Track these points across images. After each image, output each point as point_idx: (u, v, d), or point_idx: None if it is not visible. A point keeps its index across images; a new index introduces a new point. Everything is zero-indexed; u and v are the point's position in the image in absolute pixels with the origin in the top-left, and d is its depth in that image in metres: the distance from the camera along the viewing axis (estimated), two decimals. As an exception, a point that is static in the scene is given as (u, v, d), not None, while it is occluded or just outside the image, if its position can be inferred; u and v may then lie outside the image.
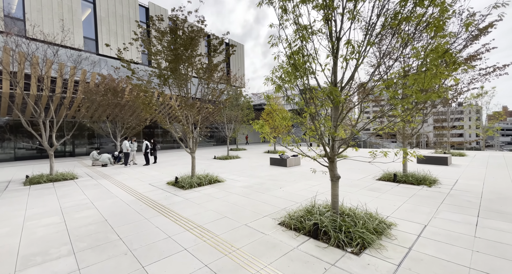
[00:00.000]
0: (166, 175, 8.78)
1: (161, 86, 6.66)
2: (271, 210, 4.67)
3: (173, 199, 5.64)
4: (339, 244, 3.18)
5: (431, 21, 2.98)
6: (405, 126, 6.74)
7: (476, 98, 12.85)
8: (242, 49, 31.21)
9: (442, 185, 6.36)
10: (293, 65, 3.43)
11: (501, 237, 3.32)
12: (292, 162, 10.79)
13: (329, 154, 3.90)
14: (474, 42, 6.23)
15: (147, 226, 4.02)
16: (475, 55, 7.92)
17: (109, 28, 18.29)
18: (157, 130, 23.66)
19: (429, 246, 3.11)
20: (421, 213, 4.31)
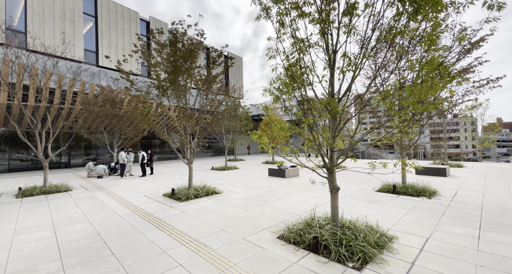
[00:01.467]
0: (163, 187, 8.62)
1: (159, 97, 6.70)
2: (269, 223, 4.55)
3: (169, 211, 5.49)
4: (340, 258, 3.08)
5: (425, 35, 3.08)
6: (403, 137, 6.78)
7: (471, 110, 13.09)
8: (240, 61, 31.87)
9: (442, 197, 6.30)
10: (290, 77, 3.48)
11: (504, 251, 3.24)
12: (291, 173, 10.70)
13: (328, 165, 3.86)
14: (467, 55, 6.43)
15: (142, 240, 3.88)
16: (468, 68, 8.14)
17: (109, 41, 18.67)
18: (155, 141, 23.54)
19: (433, 260, 3.02)
20: (423, 226, 4.22)
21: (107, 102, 12.69)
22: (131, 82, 6.39)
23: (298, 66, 3.46)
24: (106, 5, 18.60)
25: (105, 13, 18.51)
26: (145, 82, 6.81)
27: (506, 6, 2.54)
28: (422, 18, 2.69)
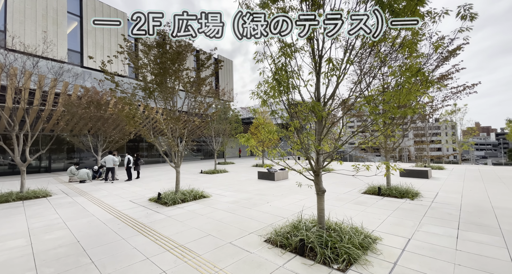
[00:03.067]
0: (149, 191, 8.40)
1: (146, 99, 6.57)
2: (257, 227, 4.53)
3: (154, 216, 5.34)
4: (325, 260, 3.10)
5: (404, 42, 3.22)
6: (387, 140, 7.00)
7: (450, 115, 13.76)
8: (231, 64, 31.92)
9: (424, 198, 6.53)
10: (276, 80, 3.52)
11: (481, 250, 3.38)
12: (280, 176, 10.74)
13: (314, 168, 3.91)
14: (445, 63, 6.79)
15: (124, 247, 3.74)
16: (447, 75, 8.59)
17: (95, 41, 18.18)
18: (142, 144, 22.98)
19: (414, 260, 3.10)
20: (405, 227, 4.35)
21: (92, 104, 12.28)
22: (116, 84, 6.23)
23: (284, 70, 3.51)
24: (92, 5, 18.15)
25: (90, 13, 18.04)
26: (131, 84, 6.66)
27: (477, 16, 2.71)
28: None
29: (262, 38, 3.51)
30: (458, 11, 2.60)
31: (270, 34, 3.41)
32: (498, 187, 8.05)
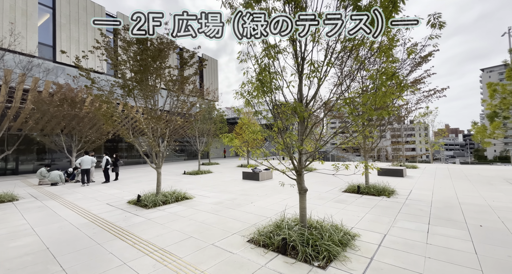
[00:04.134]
0: (128, 193, 8.05)
1: (124, 97, 6.30)
2: (241, 227, 4.52)
3: (133, 219, 5.13)
4: (306, 258, 3.16)
5: (381, 47, 3.38)
6: (366, 141, 7.30)
7: (423, 117, 14.70)
8: (215, 63, 31.59)
9: (399, 196, 6.89)
10: (260, 81, 3.53)
11: (449, 243, 3.63)
12: (264, 176, 10.79)
13: (296, 167, 3.98)
14: (418, 68, 7.25)
15: (99, 252, 3.55)
16: (420, 79, 9.16)
17: (69, 35, 17.13)
18: (121, 144, 22.00)
19: (388, 255, 3.26)
20: (382, 223, 4.56)
21: (65, 101, 11.55)
22: (92, 80, 5.90)
23: (267, 71, 3.54)
24: (67, -4, 17.08)
25: (64, 5, 16.97)
26: (109, 81, 6.35)
27: (445, 25, 2.92)
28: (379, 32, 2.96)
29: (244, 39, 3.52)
30: (429, 19, 2.79)
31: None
32: (464, 184, 8.70)
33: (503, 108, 9.34)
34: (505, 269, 2.88)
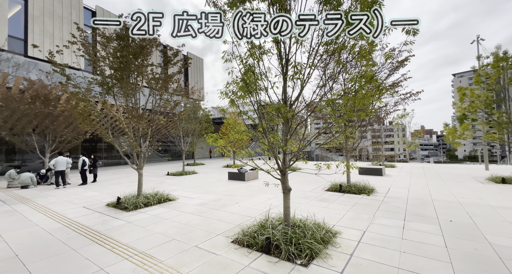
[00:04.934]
0: (107, 196, 7.71)
1: (103, 95, 6.02)
2: (225, 228, 4.49)
3: (112, 223, 4.92)
4: (289, 257, 3.21)
5: (361, 51, 3.52)
6: (347, 141, 7.56)
7: (401, 118, 15.49)
8: (201, 62, 31.14)
9: (378, 194, 7.20)
10: (244, 81, 3.54)
11: (422, 238, 3.85)
12: (250, 176, 10.80)
13: (281, 167, 4.03)
14: (395, 72, 7.64)
15: (74, 258, 3.37)
16: (397, 83, 9.64)
17: (43, 29, 16.08)
18: (100, 144, 21.02)
19: (367, 251, 3.40)
20: (361, 220, 4.74)
21: (38, 98, 10.83)
22: (67, 77, 5.59)
23: (251, 72, 3.55)
24: (40, -13, 16.03)
25: (38, -4, 15.91)
26: (86, 78, 6.04)
27: (419, 32, 3.11)
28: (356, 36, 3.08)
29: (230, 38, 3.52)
30: (403, 26, 2.95)
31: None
32: (437, 182, 9.28)
33: (472, 111, 10.08)
34: (471, 261, 3.10)
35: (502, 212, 5.20)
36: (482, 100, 9.64)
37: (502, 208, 5.52)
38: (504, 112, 9.50)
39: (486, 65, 9.77)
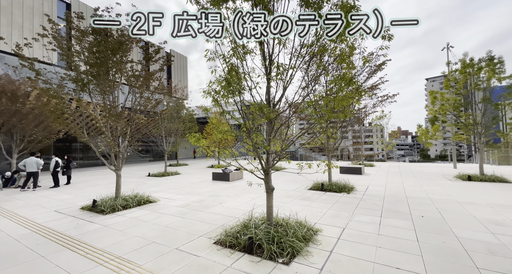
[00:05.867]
0: (82, 199, 7.29)
1: (77, 92, 5.69)
2: (207, 229, 4.43)
3: (86, 227, 4.66)
4: (271, 256, 3.24)
5: (341, 54, 3.64)
6: (329, 141, 7.78)
7: (379, 120, 16.26)
8: (185, 60, 30.48)
9: (357, 192, 7.49)
10: (227, 80, 3.52)
11: (397, 233, 4.07)
12: (235, 176, 10.75)
13: (264, 167, 4.05)
14: (374, 75, 8.01)
15: (43, 266, 3.15)
16: (376, 86, 10.11)
17: (11, 20, 14.87)
18: (75, 144, 19.85)
19: (346, 247, 3.52)
20: (341, 218, 4.90)
21: (4, 95, 9.99)
22: (37, 72, 5.20)
23: (234, 71, 3.54)
24: (7, -26, 14.80)
25: (4, -16, 14.68)
26: (58, 73, 5.67)
27: (393, 37, 3.27)
28: (336, 38, 3.19)
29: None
30: (379, 32, 3.10)
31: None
32: (411, 180, 9.84)
33: (442, 113, 10.81)
34: (440, 253, 3.33)
35: (467, 207, 5.63)
36: (451, 104, 10.38)
37: (467, 203, 5.97)
38: (470, 115, 10.29)
39: (454, 71, 10.53)
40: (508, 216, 4.87)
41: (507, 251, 3.33)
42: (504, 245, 3.53)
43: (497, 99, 9.75)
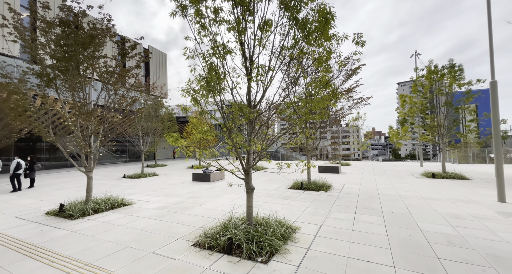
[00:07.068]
0: (47, 203, 6.74)
1: (42, 88, 5.25)
2: (186, 231, 4.33)
3: (52, 233, 4.33)
4: (250, 255, 3.26)
5: (318, 58, 3.77)
6: (307, 141, 8.02)
7: (355, 121, 17.10)
8: (164, 57, 29.45)
9: (334, 190, 7.80)
10: (205, 80, 3.47)
11: (369, 228, 4.31)
12: (216, 176, 10.62)
13: (244, 167, 4.06)
14: (349, 79, 8.41)
15: (0, 278, 2.86)
16: (352, 89, 10.62)
17: (-37, 3, 13.29)
18: (41, 144, 18.29)
19: (322, 243, 3.66)
20: (319, 215, 5.08)
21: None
22: (-6, 65, 4.72)
23: (214, 71, 3.50)
24: (-43, -47, 13.19)
25: (-46, -37, 13.06)
26: (19, 67, 5.19)
27: (366, 43, 3.47)
28: (314, 42, 3.30)
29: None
30: (354, 37, 3.27)
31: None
32: (383, 178, 10.47)
33: (410, 116, 11.66)
34: (406, 246, 3.59)
35: (431, 202, 6.12)
36: (418, 107, 11.23)
37: (431, 199, 6.50)
38: (435, 117, 11.21)
39: (421, 77, 11.40)
40: (465, 210, 5.39)
41: (463, 241, 3.69)
42: (461, 236, 3.90)
43: (457, 103, 10.74)
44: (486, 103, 6.42)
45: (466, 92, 10.47)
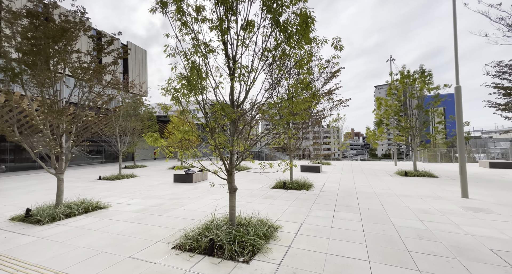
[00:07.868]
0: (11, 208, 6.21)
1: (6, 83, 4.83)
2: (166, 234, 4.22)
3: (17, 240, 4.00)
4: (232, 256, 3.26)
5: (299, 60, 3.87)
6: (290, 141, 8.18)
7: (335, 122, 17.73)
8: (144, 54, 28.36)
9: (315, 189, 8.02)
10: (186, 78, 3.41)
11: (347, 225, 4.49)
12: (198, 177, 10.43)
13: (227, 167, 4.04)
14: (330, 81, 8.71)
15: (-47, 292, 2.59)
16: (332, 91, 11.00)
17: None
18: (5, 144, 16.78)
19: (302, 241, 3.76)
20: (300, 214, 5.20)
21: None
22: None
23: (196, 70, 3.45)
24: None
25: None
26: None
27: (344, 47, 3.62)
28: (295, 45, 3.38)
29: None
30: (333, 41, 3.40)
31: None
32: (361, 177, 10.97)
33: (386, 117, 12.34)
34: (380, 240, 3.79)
35: (403, 199, 6.52)
36: (393, 109, 11.90)
37: (404, 196, 6.92)
38: (407, 119, 11.95)
39: (395, 81, 12.10)
40: (433, 205, 5.81)
41: (431, 235, 3.98)
42: (429, 230, 4.20)
43: (427, 106, 11.54)
44: (453, 106, 6.97)
45: (435, 96, 11.29)
